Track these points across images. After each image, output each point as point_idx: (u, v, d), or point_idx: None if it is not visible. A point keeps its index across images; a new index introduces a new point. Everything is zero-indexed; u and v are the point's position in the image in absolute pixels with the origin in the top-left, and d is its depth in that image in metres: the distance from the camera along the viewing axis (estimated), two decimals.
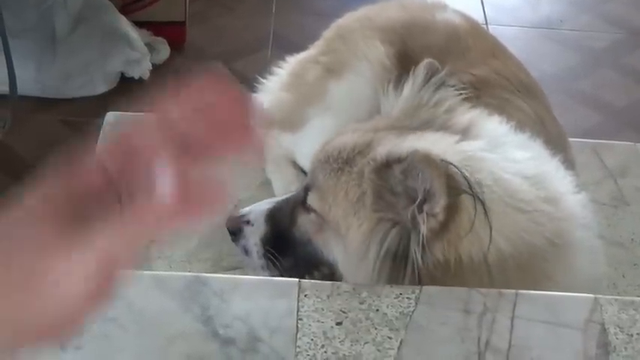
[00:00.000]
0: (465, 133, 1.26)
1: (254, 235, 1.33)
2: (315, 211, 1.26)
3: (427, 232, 1.13)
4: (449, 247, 1.14)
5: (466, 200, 1.13)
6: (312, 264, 1.27)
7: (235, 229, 1.35)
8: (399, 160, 1.15)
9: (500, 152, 1.24)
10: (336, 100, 1.65)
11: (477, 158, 1.20)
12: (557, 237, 1.21)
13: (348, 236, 1.20)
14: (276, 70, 1.84)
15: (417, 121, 1.29)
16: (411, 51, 1.65)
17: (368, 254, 1.17)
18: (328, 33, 1.79)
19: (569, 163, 1.41)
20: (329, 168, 1.24)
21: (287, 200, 1.34)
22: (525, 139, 1.34)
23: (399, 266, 1.16)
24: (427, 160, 1.12)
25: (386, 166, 1.17)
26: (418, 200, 1.13)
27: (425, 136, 1.24)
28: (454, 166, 1.13)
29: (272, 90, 1.80)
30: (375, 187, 1.18)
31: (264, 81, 1.83)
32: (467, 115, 1.32)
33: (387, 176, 1.17)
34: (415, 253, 1.14)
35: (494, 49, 1.69)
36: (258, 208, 1.35)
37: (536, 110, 1.52)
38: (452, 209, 1.13)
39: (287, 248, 1.31)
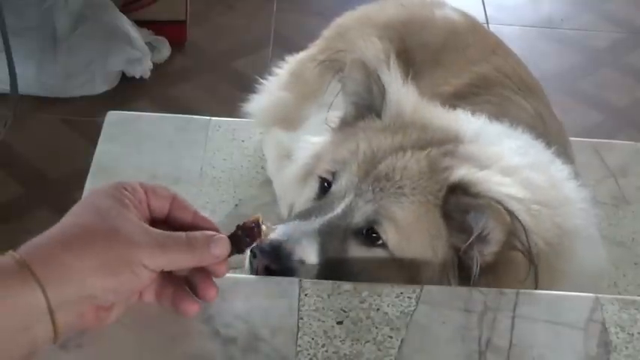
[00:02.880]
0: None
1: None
2: (383, 246, 1.15)
3: (477, 269, 1.12)
4: (495, 281, 1.12)
5: (519, 257, 1.11)
6: None
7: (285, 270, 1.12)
8: (472, 194, 1.11)
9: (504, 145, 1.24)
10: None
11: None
12: (564, 222, 1.20)
13: (422, 271, 1.14)
14: (275, 70, 1.84)
15: (432, 134, 1.23)
16: (409, 48, 1.65)
17: (450, 282, 1.14)
18: (328, 32, 1.80)
19: (568, 159, 1.41)
20: (406, 200, 1.14)
21: (330, 227, 1.15)
22: (509, 128, 1.33)
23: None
24: (499, 215, 1.08)
25: (452, 191, 1.13)
26: (472, 239, 1.11)
27: (495, 167, 1.18)
28: (522, 224, 1.08)
29: (272, 90, 1.80)
30: (444, 213, 1.14)
31: (264, 81, 1.83)
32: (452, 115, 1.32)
33: (450, 200, 1.13)
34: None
35: (494, 46, 1.69)
36: (304, 242, 1.14)
37: (536, 107, 1.52)
38: (502, 258, 1.12)
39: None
